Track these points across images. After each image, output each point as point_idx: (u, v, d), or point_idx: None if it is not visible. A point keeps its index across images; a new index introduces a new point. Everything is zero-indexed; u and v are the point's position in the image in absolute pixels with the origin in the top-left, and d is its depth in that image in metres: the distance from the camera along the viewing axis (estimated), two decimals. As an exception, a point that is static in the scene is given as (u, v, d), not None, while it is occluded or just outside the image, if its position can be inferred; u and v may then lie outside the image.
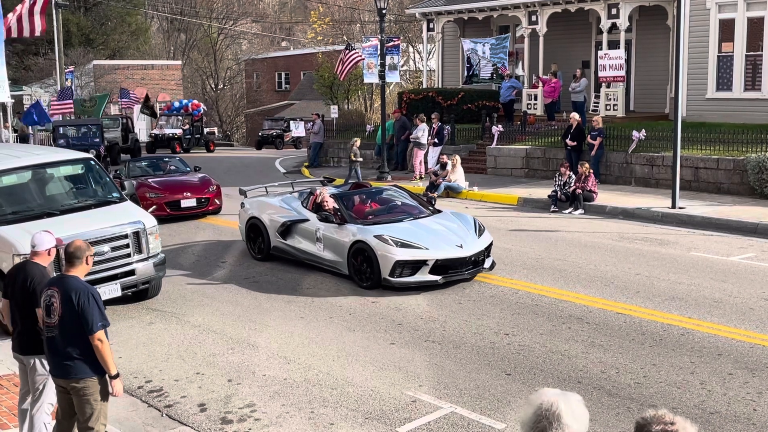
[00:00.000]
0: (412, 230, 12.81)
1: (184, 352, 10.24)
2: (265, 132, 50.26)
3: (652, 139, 20.70)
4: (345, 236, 12.97)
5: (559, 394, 3.50)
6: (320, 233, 13.47)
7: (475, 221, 13.39)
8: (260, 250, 14.86)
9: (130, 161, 22.53)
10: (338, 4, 51.37)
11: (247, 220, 15.14)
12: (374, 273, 12.38)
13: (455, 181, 21.18)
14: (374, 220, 13.28)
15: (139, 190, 19.10)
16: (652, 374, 8.84)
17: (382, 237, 12.38)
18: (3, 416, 8.21)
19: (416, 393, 8.60)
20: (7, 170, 12.20)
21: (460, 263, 12.41)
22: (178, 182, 20.32)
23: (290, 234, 14.16)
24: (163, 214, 18.81)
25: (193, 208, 19.53)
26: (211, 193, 19.89)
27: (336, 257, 13.16)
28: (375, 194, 14.67)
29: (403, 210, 13.94)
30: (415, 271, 12.22)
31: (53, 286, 6.57)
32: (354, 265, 12.74)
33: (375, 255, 12.30)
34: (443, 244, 12.43)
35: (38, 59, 50.37)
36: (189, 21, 62.09)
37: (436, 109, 26.39)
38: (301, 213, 14.13)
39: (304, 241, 13.88)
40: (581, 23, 27.19)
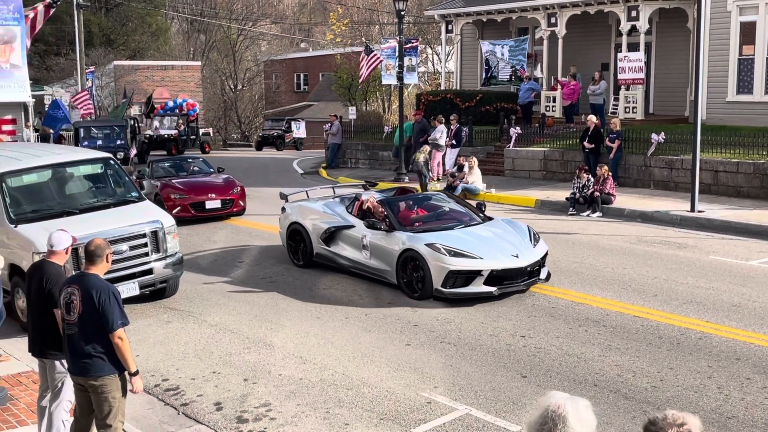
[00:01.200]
0: (465, 238, 12.21)
1: (201, 351, 10.29)
2: (266, 132, 49.19)
3: (671, 142, 20.58)
4: (394, 244, 12.42)
5: (567, 397, 3.50)
6: (367, 240, 12.93)
7: (529, 229, 12.81)
8: (302, 257, 14.34)
9: (153, 162, 22.24)
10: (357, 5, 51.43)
11: (288, 226, 14.61)
12: (425, 283, 11.82)
13: (472, 183, 21.14)
14: (424, 228, 12.73)
15: (163, 191, 19.15)
16: (669, 378, 8.79)
17: (434, 245, 11.80)
18: (22, 413, 8.29)
19: (431, 394, 8.60)
20: (27, 169, 12.33)
21: (516, 274, 11.82)
22: (202, 183, 20.08)
23: (334, 240, 13.64)
24: (188, 215, 18.81)
25: (218, 209, 19.29)
26: (235, 194, 19.65)
27: (383, 266, 12.63)
28: (422, 200, 14.16)
29: (453, 217, 13.37)
30: (468, 281, 11.64)
31: (73, 283, 6.61)
32: (403, 274, 12.21)
33: (426, 264, 11.73)
34: (498, 254, 11.85)
35: (59, 59, 50.80)
36: (209, 22, 62.39)
37: (454, 111, 26.36)
38: (346, 219, 13.61)
39: (349, 249, 13.35)
40: (601, 25, 27.08)
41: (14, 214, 11.56)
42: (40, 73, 49.52)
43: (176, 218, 17.98)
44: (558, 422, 3.38)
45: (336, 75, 44.98)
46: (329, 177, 27.73)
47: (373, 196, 13.82)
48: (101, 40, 53.59)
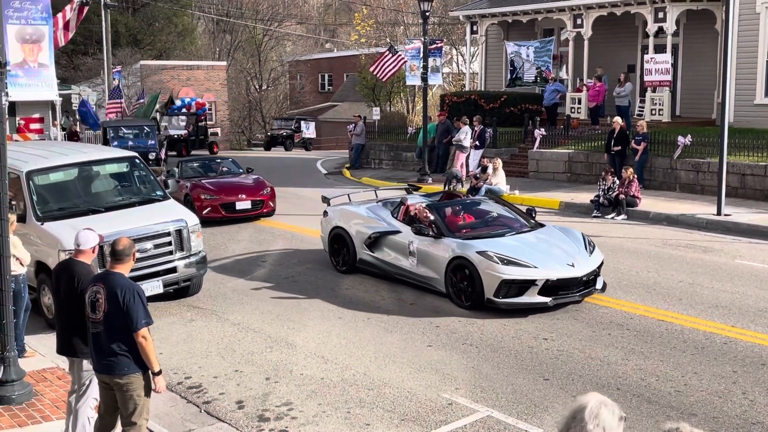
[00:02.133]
0: (517, 246, 11.73)
1: (224, 349, 10.34)
2: (275, 132, 48.33)
3: (698, 145, 20.39)
4: (443, 251, 11.96)
5: (603, 401, 3.56)
6: (413, 247, 12.46)
7: (584, 237, 12.34)
8: (344, 262, 13.92)
9: (183, 162, 21.95)
10: (382, 6, 51.45)
11: (331, 230, 14.20)
12: (476, 292, 11.34)
13: (496, 184, 21.06)
14: (473, 234, 12.28)
15: (193, 192, 19.05)
16: (693, 383, 8.71)
17: (486, 253, 11.32)
18: (46, 408, 8.38)
19: (453, 396, 8.58)
20: (54, 167, 12.46)
21: (572, 284, 11.30)
22: (232, 184, 19.85)
23: (378, 246, 13.21)
24: (218, 216, 18.70)
25: (248, 210, 19.07)
26: (265, 195, 19.43)
27: (431, 273, 12.17)
28: (471, 205, 13.70)
29: (503, 223, 12.89)
30: (522, 291, 11.16)
31: (99, 282, 6.65)
32: (452, 282, 11.74)
33: (478, 273, 11.27)
34: (553, 263, 11.37)
35: (87, 59, 51.24)
36: (234, 22, 62.69)
37: (479, 112, 26.29)
38: (392, 224, 13.18)
39: (395, 255, 12.91)
40: (627, 27, 26.89)
41: (41, 212, 11.68)
42: (68, 72, 49.99)
43: (206, 219, 17.92)
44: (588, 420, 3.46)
45: (360, 76, 44.97)
46: (353, 177, 27.77)
47: (417, 201, 13.50)
48: (128, 39, 54.01)
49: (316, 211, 19.07)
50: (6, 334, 8.47)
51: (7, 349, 8.48)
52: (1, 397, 8.41)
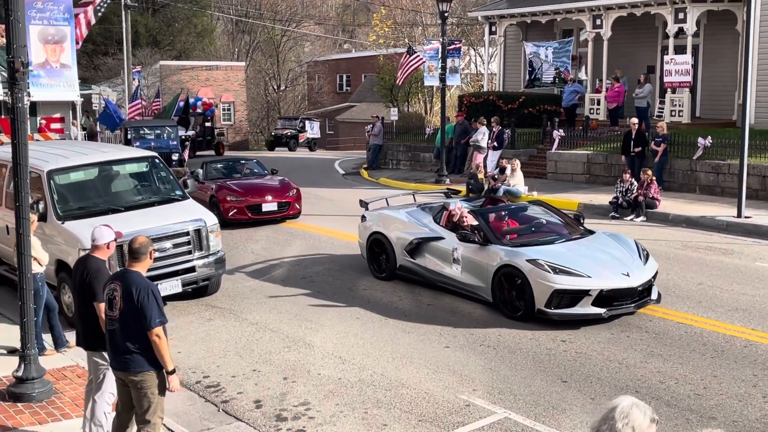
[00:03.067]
0: (569, 254, 11.23)
1: (242, 348, 10.38)
2: (279, 132, 47.15)
3: (718, 147, 20.24)
4: (490, 259, 11.47)
5: (635, 402, 3.61)
6: (458, 254, 11.99)
7: (637, 245, 11.78)
8: (383, 269, 13.49)
9: (207, 163, 21.44)
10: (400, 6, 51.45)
11: (369, 236, 13.73)
12: (526, 302, 10.85)
13: (514, 185, 21.01)
14: (521, 241, 11.80)
15: (219, 193, 18.84)
16: (713, 386, 8.65)
17: (536, 261, 10.82)
18: (66, 406, 8.45)
19: (470, 397, 8.57)
20: (75, 167, 12.56)
21: (627, 294, 10.76)
22: (258, 185, 19.55)
23: (420, 253, 12.75)
24: (244, 218, 18.52)
25: (274, 212, 18.83)
26: (291, 197, 19.15)
27: (477, 282, 11.68)
28: (517, 211, 13.16)
29: (551, 229, 12.41)
30: (575, 302, 10.64)
31: (116, 280, 6.73)
32: (500, 291, 11.27)
33: (528, 282, 10.77)
34: (607, 272, 10.86)
35: (107, 59, 51.62)
36: (253, 23, 62.91)
37: (497, 113, 26.23)
38: (434, 230, 12.70)
39: (438, 262, 12.42)
40: (647, 27, 26.74)
41: (61, 211, 11.78)
42: (88, 72, 50.35)
43: (232, 221, 18.00)
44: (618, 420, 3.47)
45: (378, 76, 44.94)
46: (370, 178, 27.79)
47: (460, 206, 12.95)
48: (148, 40, 54.35)
49: (333, 212, 19.18)
50: (26, 332, 8.54)
51: (28, 347, 8.56)
52: (22, 395, 8.49)
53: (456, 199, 14.15)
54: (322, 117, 63.29)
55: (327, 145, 55.31)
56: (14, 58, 8.21)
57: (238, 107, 53.91)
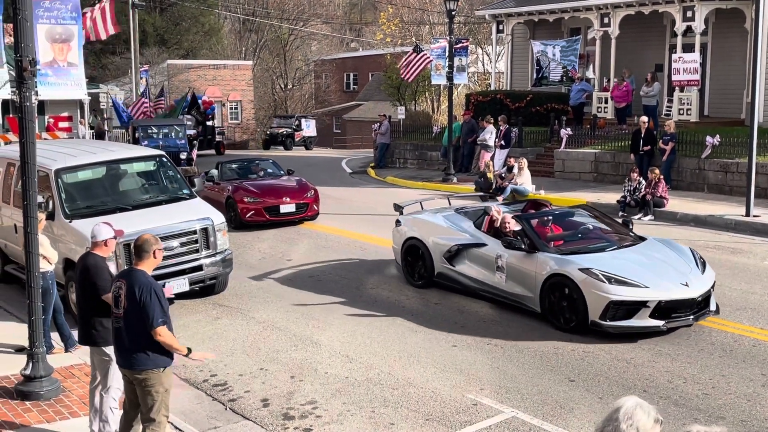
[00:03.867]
0: (623, 263, 10.63)
1: (249, 347, 10.39)
2: (274, 130, 45.84)
3: (726, 145, 20.17)
4: (537, 267, 10.86)
5: (639, 403, 3.60)
6: (502, 261, 11.37)
7: (693, 253, 11.19)
8: (420, 276, 12.86)
9: (222, 163, 20.90)
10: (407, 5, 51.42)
11: (405, 241, 13.13)
12: (578, 314, 10.26)
13: (522, 184, 20.97)
14: (570, 248, 11.16)
15: (235, 194, 18.50)
16: (721, 385, 8.62)
17: (590, 271, 10.23)
18: (74, 404, 8.47)
19: (477, 396, 8.56)
20: (82, 165, 12.58)
21: (686, 305, 10.17)
22: (276, 186, 19.14)
23: (460, 260, 12.15)
24: (262, 219, 18.16)
25: (292, 213, 18.41)
26: (309, 198, 18.75)
27: (523, 291, 11.10)
28: (562, 216, 12.46)
29: (599, 235, 11.80)
30: (631, 314, 10.04)
31: (121, 278, 6.77)
32: (549, 302, 10.69)
33: (581, 292, 10.18)
34: (665, 282, 10.26)
35: (115, 58, 51.75)
36: (261, 22, 62.97)
37: (504, 112, 26.19)
38: (476, 236, 12.10)
39: (480, 269, 11.80)
40: (655, 26, 26.65)
41: (69, 210, 11.80)
42: (96, 71, 50.49)
43: (249, 222, 17.81)
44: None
45: (386, 75, 44.92)
46: (377, 176, 27.78)
47: (500, 210, 12.31)
48: (155, 39, 54.46)
49: (340, 211, 19.17)
50: (35, 330, 8.56)
51: (36, 346, 8.58)
52: (30, 393, 8.51)
53: (495, 204, 13.57)
54: (330, 116, 63.32)
55: (334, 144, 55.25)
56: (22, 56, 8.23)
57: (245, 106, 53.96)
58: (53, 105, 29.96)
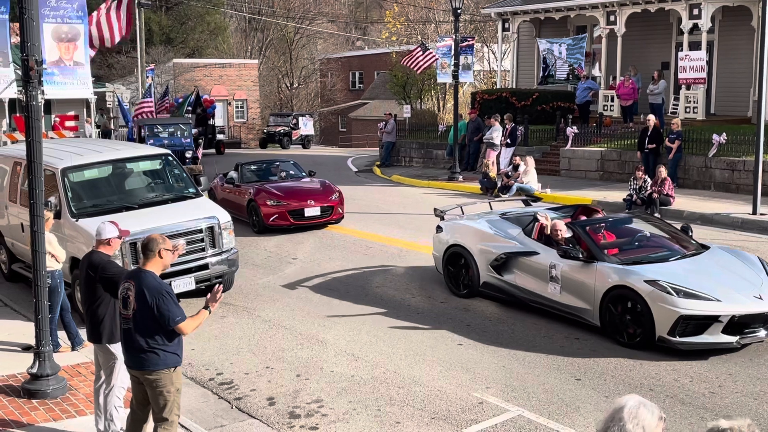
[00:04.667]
0: (690, 274, 9.97)
1: (255, 346, 10.40)
2: (271, 129, 45.00)
3: (733, 143, 20.12)
4: (597, 278, 10.19)
5: (642, 401, 3.58)
6: (556, 271, 10.71)
7: (762, 262, 10.53)
8: (464, 285, 12.26)
9: (242, 165, 20.08)
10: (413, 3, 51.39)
11: (447, 248, 12.55)
12: (643, 328, 9.61)
13: (527, 182, 20.98)
14: (632, 258, 10.44)
15: (257, 197, 17.79)
16: (728, 384, 8.60)
17: (657, 283, 9.58)
18: (80, 403, 8.48)
19: (483, 395, 8.55)
20: (88, 164, 12.61)
21: (760, 320, 9.48)
22: (300, 189, 18.36)
23: (508, 269, 11.50)
24: (286, 223, 17.46)
25: (317, 217, 17.66)
26: (334, 201, 17.96)
27: (580, 303, 10.42)
28: (617, 222, 11.72)
29: (659, 243, 11.14)
30: (702, 329, 9.39)
31: (130, 279, 6.72)
32: (610, 315, 10.02)
33: (647, 306, 9.54)
34: (736, 294, 9.61)
35: (121, 57, 51.80)
36: (266, 20, 63.00)
37: (510, 110, 26.16)
38: (525, 243, 11.44)
39: (531, 280, 11.16)
40: (661, 24, 26.58)
41: (75, 209, 11.83)
42: (102, 70, 50.54)
43: (273, 227, 17.29)
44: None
45: (391, 73, 44.86)
46: (383, 175, 27.78)
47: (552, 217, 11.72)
48: (161, 38, 54.50)
49: (347, 209, 19.11)
50: (41, 329, 8.58)
51: (43, 344, 8.60)
52: (37, 391, 8.53)
53: (544, 209, 12.73)
54: (335, 114, 63.34)
55: (339, 143, 55.24)
56: (28, 56, 8.24)
57: (251, 105, 53.99)
58: (60, 104, 30.02)
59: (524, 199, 14.57)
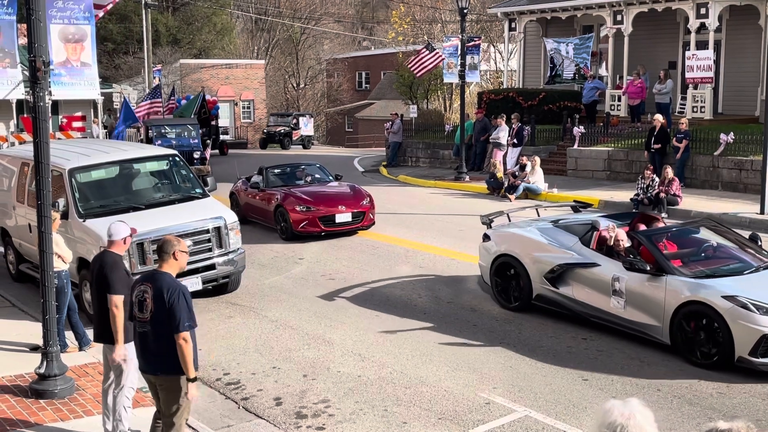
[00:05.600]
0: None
1: (262, 346, 10.40)
2: (271, 129, 44.07)
3: (740, 143, 20.05)
4: (667, 293, 9.52)
5: (627, 405, 3.48)
6: (620, 285, 9.98)
7: None
8: (515, 298, 11.51)
9: (266, 168, 19.10)
10: (419, 3, 51.37)
11: (495, 258, 11.81)
12: (721, 348, 8.95)
13: (534, 182, 20.95)
14: (704, 271, 9.78)
15: (286, 203, 16.93)
16: (736, 384, 8.57)
17: (736, 299, 8.91)
18: (88, 403, 8.50)
19: (490, 395, 8.54)
20: (95, 165, 12.64)
21: None
22: (329, 194, 17.53)
23: (565, 281, 10.80)
24: (316, 230, 16.60)
25: (348, 223, 16.83)
26: (365, 206, 17.10)
27: (648, 320, 9.74)
28: (681, 232, 11.09)
29: (728, 254, 10.44)
30: None
31: (146, 281, 6.61)
32: (682, 333, 9.37)
33: (725, 324, 8.87)
34: None
35: (128, 58, 51.97)
36: (273, 21, 63.07)
37: (516, 110, 26.11)
38: (584, 254, 10.68)
39: (591, 293, 10.42)
40: (668, 23, 26.51)
41: (83, 209, 11.86)
42: (109, 71, 50.70)
43: (302, 233, 16.59)
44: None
45: (398, 73, 44.83)
46: (390, 175, 27.77)
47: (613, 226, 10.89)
48: (168, 39, 54.63)
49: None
50: (49, 329, 8.61)
51: (50, 344, 8.62)
52: (44, 392, 8.56)
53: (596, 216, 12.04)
54: (342, 114, 63.34)
55: (346, 143, 55.24)
56: (35, 57, 8.27)
57: (257, 105, 54.06)
58: (67, 105, 30.11)
59: (573, 206, 13.67)
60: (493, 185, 21.73)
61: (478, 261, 12.42)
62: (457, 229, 17.14)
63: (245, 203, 18.73)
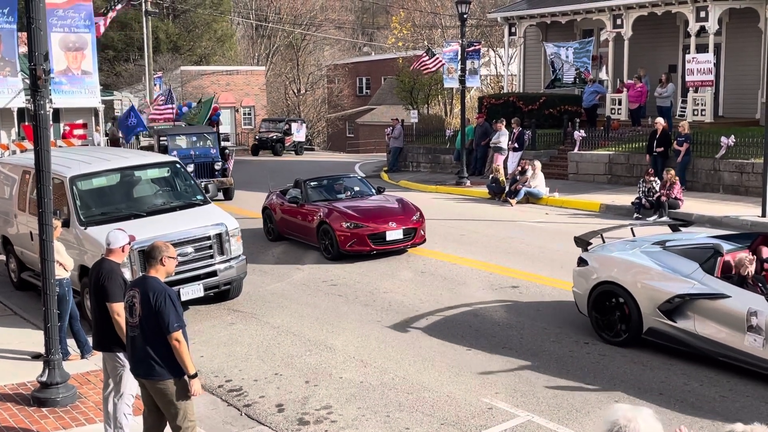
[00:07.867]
0: None
1: (263, 352, 10.40)
2: (263, 135, 43.06)
3: (741, 146, 20.05)
4: None
5: (636, 411, 3.47)
6: (758, 320, 8.65)
7: None
8: (622, 331, 10.06)
9: (304, 181, 17.39)
10: (419, 9, 51.43)
11: (595, 286, 10.36)
12: None
13: (535, 186, 20.96)
14: None
15: (330, 219, 15.49)
16: (739, 388, 8.55)
17: None
18: (90, 411, 8.50)
19: (492, 400, 8.53)
20: (97, 172, 12.66)
21: None
22: (378, 209, 16.02)
23: (684, 314, 9.45)
24: (365, 249, 15.19)
25: (399, 241, 15.38)
26: (417, 222, 15.68)
27: None
28: None
29: None
30: None
31: (135, 286, 6.75)
32: None
33: None
34: None
35: (128, 65, 52.01)
36: (273, 27, 63.14)
37: (517, 114, 26.14)
38: (708, 284, 9.29)
39: (719, 328, 9.09)
40: (668, 26, 26.54)
41: (84, 217, 11.86)
42: (110, 78, 50.73)
43: (350, 252, 15.17)
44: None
45: (398, 79, 44.89)
46: (391, 180, 27.78)
47: (752, 259, 9.41)
48: (168, 46, 54.68)
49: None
50: (51, 337, 8.61)
51: (52, 353, 8.62)
52: (46, 400, 8.55)
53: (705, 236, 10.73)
54: (342, 120, 63.40)
55: (347, 148, 55.30)
56: (36, 65, 8.28)
57: (258, 111, 54.09)
58: (68, 113, 30.15)
59: (672, 224, 12.21)
60: (495, 190, 21.74)
61: (572, 288, 11.00)
62: (459, 233, 17.15)
63: (281, 219, 17.22)
